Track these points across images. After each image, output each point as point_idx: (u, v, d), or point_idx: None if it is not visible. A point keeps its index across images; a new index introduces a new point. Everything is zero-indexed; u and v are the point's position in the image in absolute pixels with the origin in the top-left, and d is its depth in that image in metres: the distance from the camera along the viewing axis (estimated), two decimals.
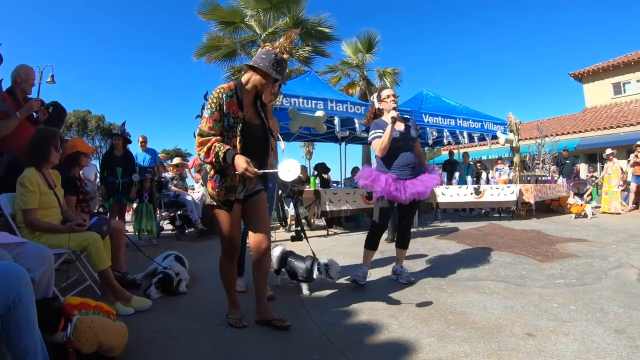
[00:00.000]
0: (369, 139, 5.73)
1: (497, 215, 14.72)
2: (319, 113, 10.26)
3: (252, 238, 4.08)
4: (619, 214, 14.47)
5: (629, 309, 4.48)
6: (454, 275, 6.20)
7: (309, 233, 9.89)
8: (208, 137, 3.65)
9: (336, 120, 10.89)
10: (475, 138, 14.60)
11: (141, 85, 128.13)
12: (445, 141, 13.69)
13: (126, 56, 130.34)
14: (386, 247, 8.40)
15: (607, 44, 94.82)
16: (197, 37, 35.00)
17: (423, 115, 12.70)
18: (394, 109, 5.50)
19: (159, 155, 15.18)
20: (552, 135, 19.48)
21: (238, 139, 3.75)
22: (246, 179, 3.86)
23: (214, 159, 3.59)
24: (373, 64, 25.75)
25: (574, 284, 5.50)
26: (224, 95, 3.72)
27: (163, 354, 3.60)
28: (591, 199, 16.27)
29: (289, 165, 3.63)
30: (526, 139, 22.15)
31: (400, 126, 5.64)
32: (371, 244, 5.75)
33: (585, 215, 13.55)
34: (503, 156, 23.87)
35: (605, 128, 26.93)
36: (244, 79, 3.94)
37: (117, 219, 9.15)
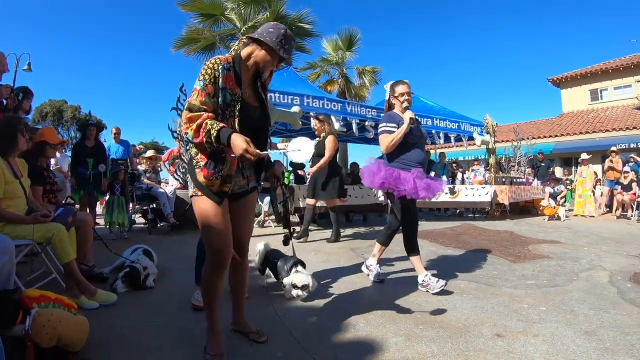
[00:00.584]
0: (379, 130, 5.33)
1: (472, 215, 14.75)
2: (295, 109, 10.27)
3: (235, 243, 3.36)
4: (593, 216, 14.62)
5: (599, 311, 4.46)
6: None
7: (281, 230, 9.81)
8: (198, 113, 2.92)
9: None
10: (452, 138, 14.65)
11: (119, 77, 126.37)
12: None
13: (103, 47, 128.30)
14: (359, 245, 8.34)
15: (586, 51, 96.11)
16: (177, 29, 34.62)
17: None
18: (406, 109, 5.16)
19: (138, 147, 14.97)
20: (528, 138, 19.56)
21: (237, 120, 3.05)
22: (244, 166, 3.25)
23: (204, 139, 2.86)
24: (353, 62, 25.92)
25: (545, 285, 5.48)
26: (220, 67, 3.02)
27: (127, 349, 3.47)
28: (565, 202, 16.39)
29: (299, 143, 3.07)
30: (503, 141, 22.25)
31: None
32: (414, 249, 5.24)
33: (559, 218, 13.64)
34: (479, 157, 24.00)
35: (581, 133, 27.28)
36: (244, 52, 3.26)
37: (87, 211, 8.97)
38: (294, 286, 4.63)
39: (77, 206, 8.74)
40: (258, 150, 2.79)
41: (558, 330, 3.91)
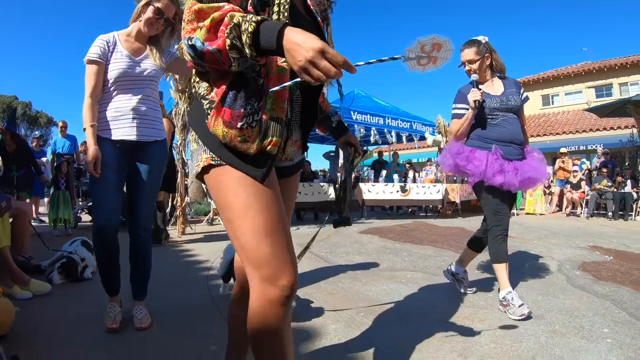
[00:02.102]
0: (452, 112, 4.35)
1: (424, 214, 14.64)
2: None
3: None
4: (543, 214, 14.76)
5: (547, 296, 4.37)
6: (371, 265, 5.91)
7: None
8: (216, 4, 1.49)
9: None
10: (404, 138, 14.56)
11: (70, 70, 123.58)
12: (372, 139, 13.55)
13: (53, 37, 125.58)
14: (304, 241, 8.10)
15: (539, 59, 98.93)
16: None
17: (351, 112, 12.66)
18: (473, 84, 4.10)
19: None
20: None
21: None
22: (294, 112, 1.83)
23: (228, 42, 1.40)
24: None
25: (493, 276, 5.31)
26: None
27: (56, 338, 3.19)
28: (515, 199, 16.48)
29: (433, 41, 1.54)
30: None
31: (496, 88, 4.17)
32: (500, 255, 4.04)
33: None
34: (432, 159, 24.12)
35: (532, 136, 27.66)
36: None
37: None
38: None
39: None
40: (351, 63, 1.37)
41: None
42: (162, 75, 3.67)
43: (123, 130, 3.32)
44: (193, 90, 1.75)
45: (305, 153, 2.22)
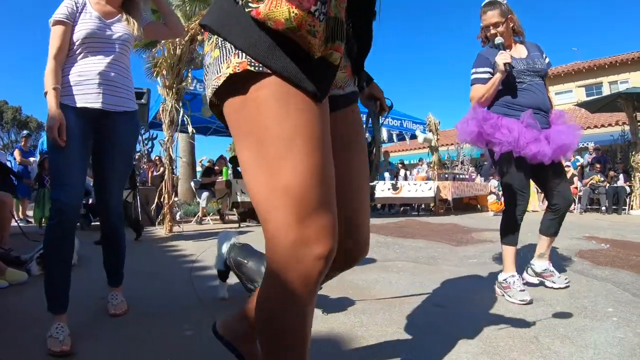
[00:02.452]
0: (471, 77, 3.95)
1: (416, 213, 14.43)
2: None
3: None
4: (536, 211, 14.58)
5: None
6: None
7: (220, 227, 9.35)
8: None
9: None
10: (394, 136, 14.43)
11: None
12: None
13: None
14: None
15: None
16: None
17: None
18: (499, 47, 3.72)
19: None
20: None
21: None
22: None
23: None
24: None
25: (488, 263, 5.19)
26: None
27: (31, 327, 2.96)
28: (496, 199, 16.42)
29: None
30: (448, 144, 22.25)
31: (520, 51, 3.87)
32: (510, 237, 3.83)
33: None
34: (424, 159, 24.05)
35: None
36: None
37: None
38: None
39: None
40: None
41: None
42: (137, 40, 3.30)
43: (87, 96, 2.86)
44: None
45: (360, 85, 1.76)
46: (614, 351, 2.44)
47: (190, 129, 9.09)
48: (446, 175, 14.09)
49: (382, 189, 12.89)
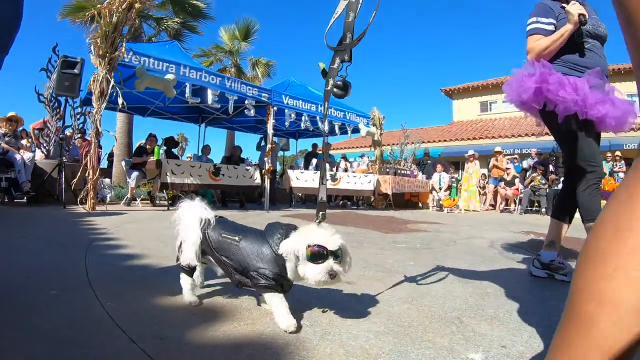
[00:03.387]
0: (527, 28, 3.45)
1: (355, 207, 14.06)
2: (169, 76, 9.42)
3: None
4: (477, 211, 14.56)
5: (478, 265, 3.88)
6: None
7: (150, 209, 8.85)
8: None
9: (187, 87, 9.92)
10: (337, 127, 13.98)
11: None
12: (303, 125, 12.86)
13: None
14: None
15: (479, 66, 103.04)
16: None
17: (283, 96, 12.13)
18: None
19: None
20: (417, 142, 19.49)
21: None
22: None
23: None
24: (248, 53, 25.37)
25: (418, 248, 4.82)
26: None
27: None
28: (450, 194, 16.38)
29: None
30: (394, 144, 22.15)
31: (585, 10, 3.29)
32: (563, 210, 3.41)
33: (457, 207, 14.02)
34: (367, 156, 23.95)
35: (469, 139, 27.80)
36: None
37: None
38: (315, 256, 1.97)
39: None
40: None
41: (426, 278, 3.23)
42: None
43: None
44: None
45: None
46: (551, 334, 2.02)
47: (120, 100, 8.50)
48: (387, 169, 13.79)
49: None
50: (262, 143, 14.50)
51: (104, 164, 14.37)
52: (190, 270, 2.33)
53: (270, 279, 2.05)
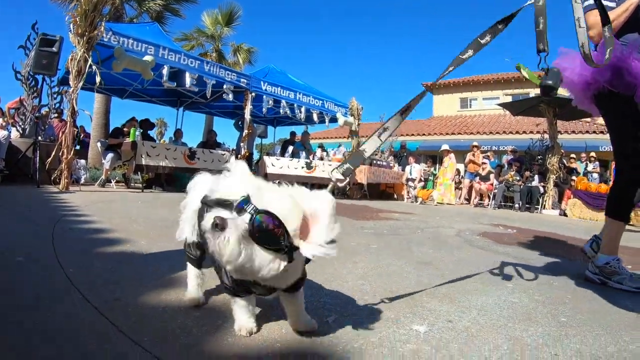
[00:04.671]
0: (584, 3, 2.82)
1: None
2: (147, 58, 9.29)
3: None
4: (452, 204, 14.63)
5: (440, 251, 3.87)
6: None
7: (124, 191, 8.79)
8: None
9: (165, 70, 9.86)
10: (315, 116, 13.89)
11: None
12: (281, 111, 12.78)
13: None
14: None
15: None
16: None
17: (262, 82, 12.06)
18: None
19: None
20: (393, 135, 19.53)
21: None
22: None
23: None
24: (230, 38, 25.19)
25: (384, 234, 4.80)
26: None
27: None
28: (424, 187, 16.44)
29: None
30: (367, 135, 22.15)
31: None
32: (625, 208, 3.01)
33: (432, 199, 13.85)
34: (344, 147, 23.92)
35: (447, 134, 27.90)
36: None
37: None
38: None
39: None
40: None
41: (386, 260, 3.24)
42: None
43: None
44: None
45: None
46: (503, 314, 2.06)
47: (98, 79, 8.39)
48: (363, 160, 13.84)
49: (296, 167, 12.50)
50: (240, 123, 14.43)
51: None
52: (195, 259, 1.96)
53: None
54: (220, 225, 1.30)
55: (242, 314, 1.62)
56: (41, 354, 1.39)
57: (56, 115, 11.86)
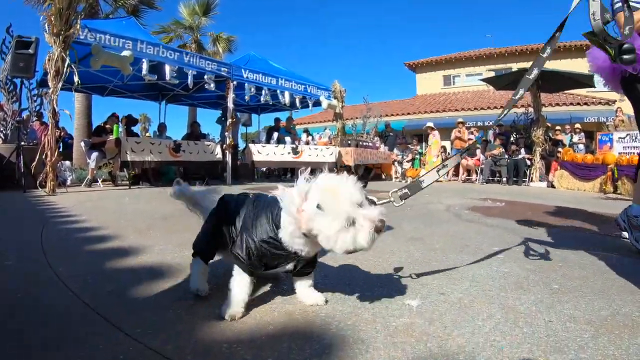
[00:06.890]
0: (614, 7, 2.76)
1: None
2: (126, 53, 9.19)
3: None
4: (440, 181, 14.62)
5: (430, 226, 3.89)
6: None
7: (112, 190, 8.73)
8: None
9: (144, 64, 9.71)
10: (297, 101, 13.80)
11: None
12: (263, 99, 12.67)
13: None
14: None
15: (442, 41, 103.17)
16: None
17: (242, 70, 11.92)
18: None
19: None
20: (377, 116, 19.52)
21: None
22: None
23: None
24: (208, 28, 24.92)
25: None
26: None
27: None
28: (412, 166, 16.45)
29: None
30: (356, 117, 22.09)
31: None
32: None
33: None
34: (330, 131, 23.88)
35: (432, 112, 27.92)
36: None
37: None
38: None
39: None
40: None
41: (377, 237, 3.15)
42: None
43: None
44: None
45: None
46: (495, 284, 2.08)
47: (76, 79, 8.28)
48: (349, 142, 13.80)
49: (282, 153, 12.46)
50: (223, 118, 14.34)
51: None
52: (204, 254, 1.90)
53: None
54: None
55: (240, 294, 1.64)
56: (34, 343, 1.40)
57: (36, 118, 11.73)
